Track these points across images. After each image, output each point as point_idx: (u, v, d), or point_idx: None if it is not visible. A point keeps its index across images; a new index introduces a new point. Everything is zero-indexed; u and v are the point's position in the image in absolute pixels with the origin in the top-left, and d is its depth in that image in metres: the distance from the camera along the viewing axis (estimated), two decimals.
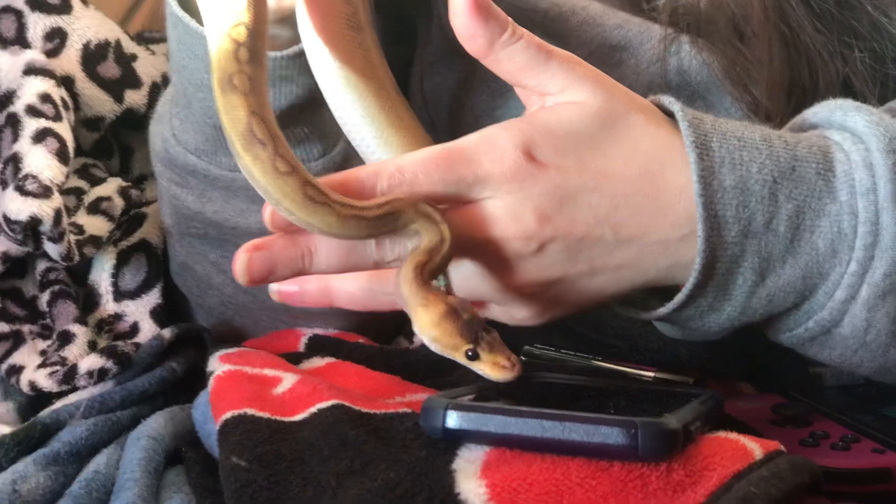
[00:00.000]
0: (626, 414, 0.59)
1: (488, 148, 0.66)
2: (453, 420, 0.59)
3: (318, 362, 0.83)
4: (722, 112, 0.83)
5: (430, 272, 0.64)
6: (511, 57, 0.67)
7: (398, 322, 0.99)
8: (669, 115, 0.70)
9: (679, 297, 0.68)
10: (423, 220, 0.64)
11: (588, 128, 0.67)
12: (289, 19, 0.75)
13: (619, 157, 0.67)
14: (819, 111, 0.72)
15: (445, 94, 0.92)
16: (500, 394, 0.64)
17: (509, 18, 0.67)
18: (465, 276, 0.69)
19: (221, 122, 0.63)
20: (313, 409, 0.69)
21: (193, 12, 0.80)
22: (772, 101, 0.81)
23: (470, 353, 0.61)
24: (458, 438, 0.60)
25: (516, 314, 0.71)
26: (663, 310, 0.70)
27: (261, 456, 0.63)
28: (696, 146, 0.66)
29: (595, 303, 0.70)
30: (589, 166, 0.66)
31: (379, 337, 0.94)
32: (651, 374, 0.79)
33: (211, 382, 0.78)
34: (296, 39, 0.77)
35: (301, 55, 0.78)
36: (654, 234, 0.67)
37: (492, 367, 0.61)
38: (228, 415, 0.69)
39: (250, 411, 0.69)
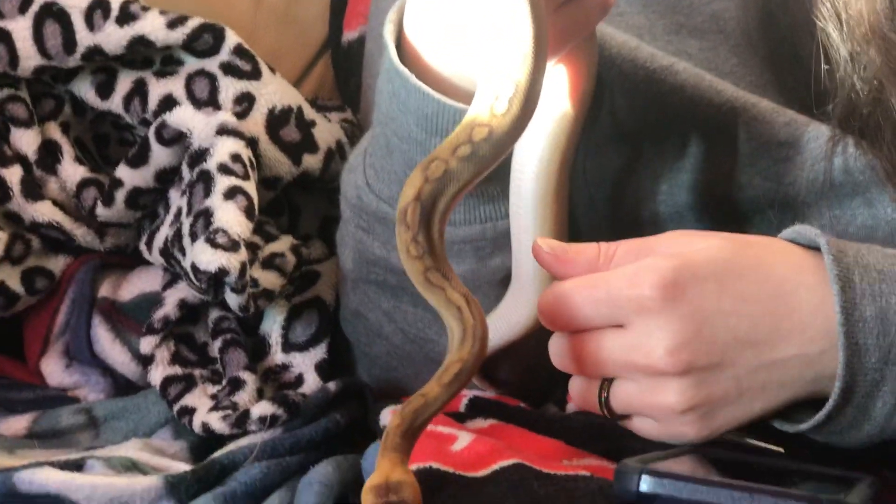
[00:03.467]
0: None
1: (631, 275, 0.72)
2: (647, 485, 0.63)
3: (481, 423, 0.86)
4: (880, 209, 0.87)
5: (423, 421, 0.69)
6: (622, 260, 0.75)
7: (549, 389, 1.03)
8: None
9: (819, 417, 0.73)
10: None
11: (722, 254, 0.73)
12: None
13: (754, 279, 0.72)
14: None
15: (609, 176, 0.96)
16: (683, 464, 0.68)
17: (594, 245, 0.75)
18: (622, 392, 0.75)
19: None
20: (495, 467, 0.72)
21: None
22: None
23: None
24: (649, 503, 0.64)
25: (674, 431, 0.75)
26: (804, 426, 0.75)
27: None
28: (840, 279, 0.71)
29: (750, 420, 0.75)
30: (727, 290, 0.72)
31: (529, 402, 0.97)
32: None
33: None
34: None
35: None
36: (792, 349, 0.72)
37: None
38: (413, 467, 0.72)
39: (435, 465, 0.73)
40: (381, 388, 1.02)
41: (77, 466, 0.86)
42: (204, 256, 0.92)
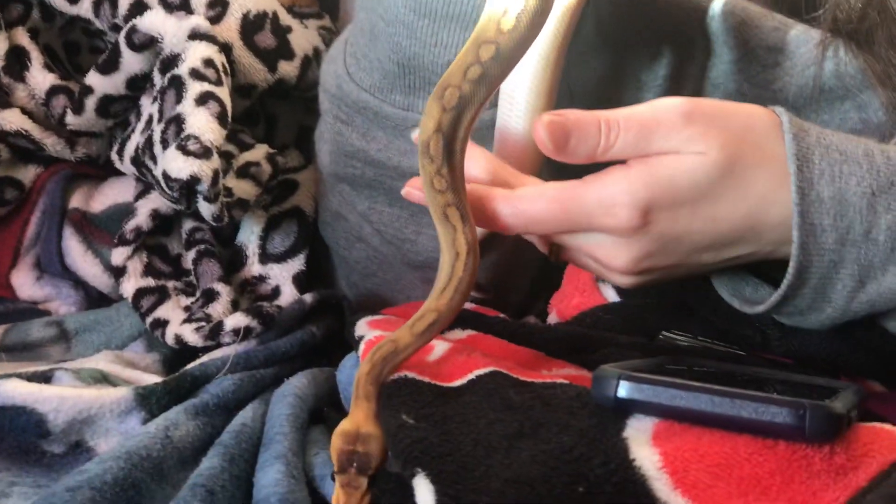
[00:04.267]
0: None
1: (607, 204, 0.71)
2: (625, 390, 0.61)
3: (459, 334, 0.85)
4: (871, 112, 0.85)
5: (392, 368, 0.70)
6: (619, 153, 0.72)
7: (528, 304, 1.01)
8: None
9: (774, 298, 0.73)
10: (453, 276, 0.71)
11: (708, 176, 0.71)
12: None
13: (729, 201, 0.71)
14: None
15: (592, 86, 0.94)
16: (662, 371, 0.67)
17: (597, 119, 0.72)
18: (576, 258, 0.77)
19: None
20: (471, 376, 0.71)
21: None
22: None
23: (332, 476, 0.65)
24: (627, 408, 0.62)
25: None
26: (762, 307, 0.75)
27: (428, 416, 0.65)
28: (798, 158, 0.70)
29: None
30: (700, 213, 0.71)
31: (510, 314, 0.96)
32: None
33: (362, 346, 0.80)
34: None
35: None
36: (748, 249, 0.73)
37: (335, 497, 0.64)
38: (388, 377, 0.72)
39: (410, 375, 0.71)
40: (359, 297, 1.01)
41: (45, 378, 0.84)
42: (175, 164, 0.89)
